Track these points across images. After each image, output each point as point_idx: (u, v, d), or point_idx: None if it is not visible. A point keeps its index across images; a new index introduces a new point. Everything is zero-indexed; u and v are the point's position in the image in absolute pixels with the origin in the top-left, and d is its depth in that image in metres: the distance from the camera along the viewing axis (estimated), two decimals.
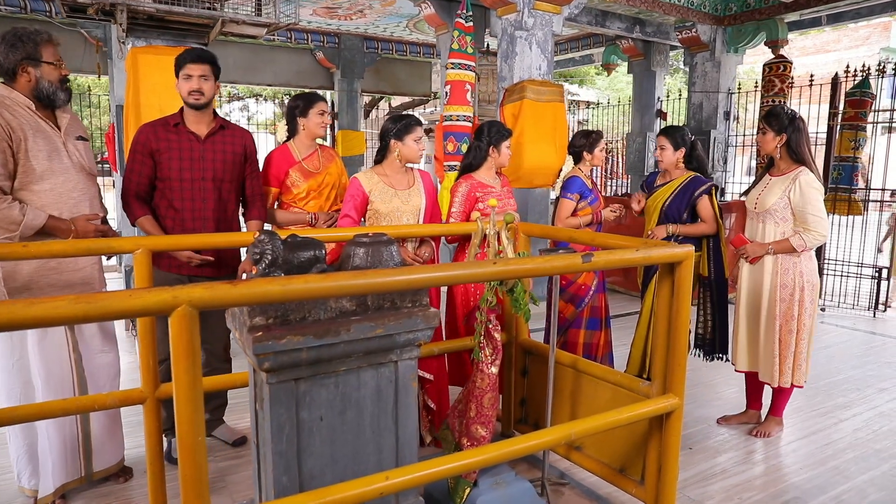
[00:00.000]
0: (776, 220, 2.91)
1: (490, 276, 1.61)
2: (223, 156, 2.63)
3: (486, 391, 2.14)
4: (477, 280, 1.59)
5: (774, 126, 2.90)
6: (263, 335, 1.62)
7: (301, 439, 1.78)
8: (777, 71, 5.94)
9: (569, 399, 2.59)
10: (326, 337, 1.71)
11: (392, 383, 1.90)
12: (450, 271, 1.53)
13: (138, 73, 3.71)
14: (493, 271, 1.59)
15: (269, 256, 1.75)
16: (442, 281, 1.51)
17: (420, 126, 2.63)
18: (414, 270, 1.50)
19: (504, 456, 1.90)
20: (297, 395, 1.75)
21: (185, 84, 2.49)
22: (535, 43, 5.18)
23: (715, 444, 2.95)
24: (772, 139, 2.91)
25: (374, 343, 1.81)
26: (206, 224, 2.65)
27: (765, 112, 3.01)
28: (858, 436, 3.06)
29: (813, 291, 2.92)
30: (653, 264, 3.10)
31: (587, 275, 3.29)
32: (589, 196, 3.31)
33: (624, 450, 2.36)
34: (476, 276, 1.59)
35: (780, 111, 2.93)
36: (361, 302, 1.82)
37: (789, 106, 5.99)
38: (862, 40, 20.03)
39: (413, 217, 2.71)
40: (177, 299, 1.24)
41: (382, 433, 1.92)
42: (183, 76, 2.51)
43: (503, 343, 2.84)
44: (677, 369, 2.09)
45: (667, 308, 2.08)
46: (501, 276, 1.57)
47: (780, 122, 2.89)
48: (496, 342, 2.14)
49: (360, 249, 1.88)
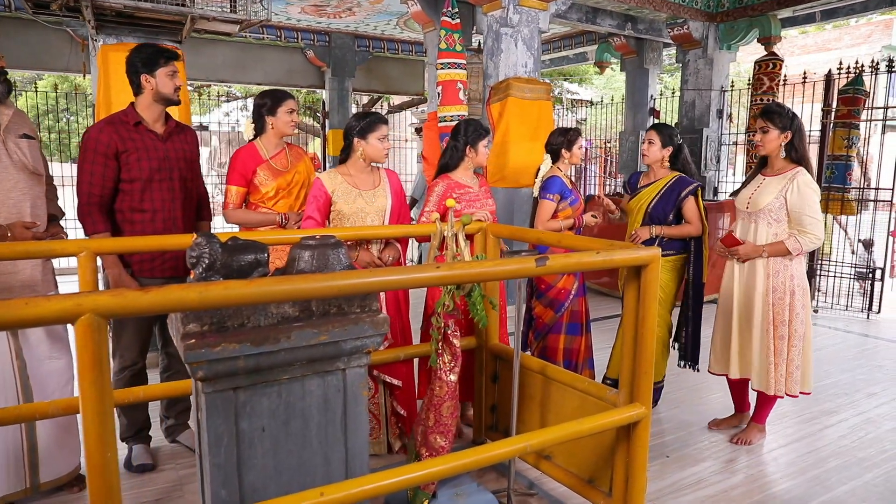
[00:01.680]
0: (769, 220, 2.79)
1: (433, 280, 1.52)
2: (184, 154, 2.57)
3: (444, 399, 2.06)
4: (418, 285, 1.51)
5: (779, 124, 2.73)
6: (196, 343, 1.54)
7: (241, 451, 1.70)
8: (767, 69, 5.84)
9: (538, 406, 2.51)
10: (265, 344, 1.63)
11: (340, 392, 1.82)
12: (386, 276, 1.45)
13: (109, 71, 3.64)
14: (437, 276, 1.51)
15: (206, 260, 1.67)
16: (375, 286, 1.42)
17: (385, 124, 2.55)
18: (349, 275, 1.42)
19: (463, 467, 1.82)
20: (237, 404, 1.67)
21: (169, 81, 2.42)
22: (521, 40, 5.09)
23: (693, 452, 2.86)
24: (776, 138, 2.75)
25: (319, 350, 1.72)
26: (177, 224, 2.59)
27: (763, 109, 2.82)
28: (843, 443, 2.97)
29: (804, 296, 2.81)
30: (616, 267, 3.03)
31: (567, 279, 3.20)
32: (569, 196, 3.22)
33: (592, 460, 2.27)
34: (418, 282, 1.51)
35: (782, 108, 2.78)
36: (305, 307, 1.74)
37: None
38: (863, 38, 19.86)
39: (378, 218, 2.64)
40: (80, 307, 1.16)
41: (331, 444, 1.83)
42: (167, 73, 2.43)
43: (473, 348, 2.77)
44: (644, 378, 2.00)
45: (633, 314, 1.99)
46: (445, 280, 1.49)
47: (783, 119, 2.73)
48: (455, 349, 2.06)
49: (305, 253, 1.80)
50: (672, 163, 3.22)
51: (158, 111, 2.48)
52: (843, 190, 5.39)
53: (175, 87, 2.46)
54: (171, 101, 2.49)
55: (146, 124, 2.49)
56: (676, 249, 3.17)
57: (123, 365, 2.53)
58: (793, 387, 2.80)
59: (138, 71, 2.42)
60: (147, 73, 2.42)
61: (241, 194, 2.98)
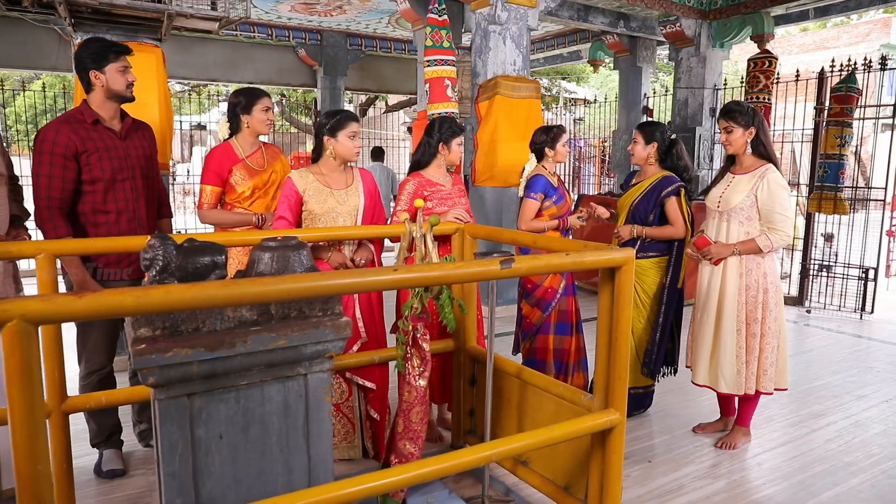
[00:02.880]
0: (741, 219, 2.76)
1: (389, 284, 1.47)
2: (143, 151, 2.52)
3: (413, 405, 2.00)
4: (374, 288, 1.45)
5: (741, 122, 2.75)
6: (147, 348, 1.49)
7: (197, 459, 1.64)
8: (762, 66, 5.77)
9: (515, 410, 2.46)
10: (220, 349, 1.57)
11: (302, 398, 1.77)
12: (339, 279, 1.39)
13: None
14: (393, 279, 1.46)
15: (159, 263, 1.61)
16: (327, 290, 1.37)
17: (355, 122, 2.49)
18: (298, 279, 1.37)
19: (432, 473, 1.78)
20: (192, 411, 1.61)
21: (121, 77, 2.35)
22: (510, 37, 5.03)
23: (677, 457, 2.80)
24: (741, 135, 2.75)
25: (278, 355, 1.67)
26: (141, 224, 2.53)
27: (722, 110, 2.83)
28: (830, 447, 2.92)
29: (777, 293, 2.78)
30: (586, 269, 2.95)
31: (553, 278, 3.15)
32: (553, 195, 3.17)
33: (568, 466, 2.22)
34: (373, 285, 1.45)
35: (741, 106, 2.79)
36: (264, 311, 1.69)
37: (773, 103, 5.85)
38: (862, 37, 19.81)
39: (350, 218, 2.58)
40: (7, 313, 1.10)
41: (292, 451, 1.78)
42: (118, 68, 2.35)
43: (451, 350, 2.71)
44: (618, 383, 1.95)
45: (607, 317, 1.94)
46: (401, 284, 1.43)
47: (745, 117, 2.75)
48: (425, 353, 2.00)
49: (265, 255, 1.74)
50: (664, 159, 3.15)
51: (113, 108, 2.41)
52: (835, 189, 5.33)
53: (127, 83, 2.38)
54: (124, 98, 2.41)
55: (104, 122, 2.41)
56: (661, 251, 3.11)
57: (90, 369, 2.47)
58: (767, 384, 2.76)
59: (87, 67, 2.33)
60: (96, 69, 2.33)
61: (216, 194, 2.92)
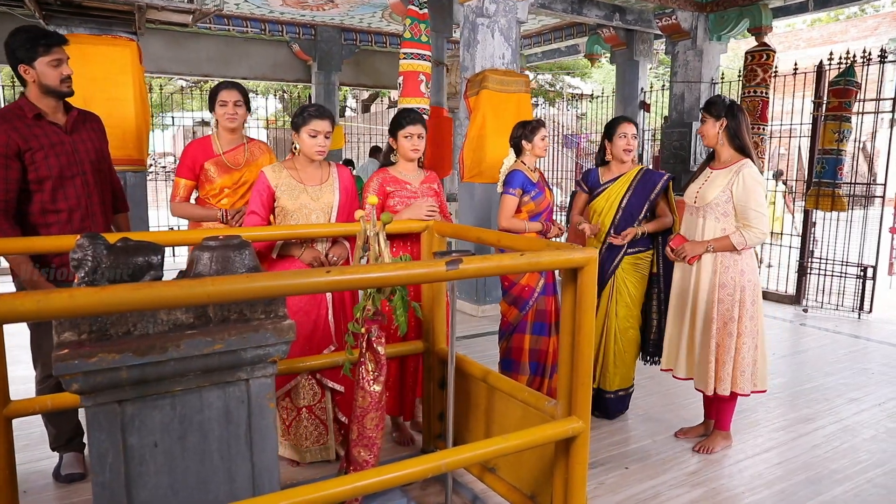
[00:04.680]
0: (717, 215, 2.69)
1: (322, 286, 1.39)
2: (93, 144, 2.41)
3: (367, 410, 1.92)
4: (305, 291, 1.37)
5: (713, 112, 2.72)
6: (69, 353, 1.41)
7: (131, 468, 1.56)
8: (760, 60, 5.64)
9: (483, 415, 2.37)
10: (150, 354, 1.50)
11: (244, 404, 1.69)
12: (263, 282, 1.30)
13: None
14: (326, 281, 1.37)
15: (88, 263, 1.53)
16: (250, 293, 1.28)
17: (320, 119, 2.40)
18: (220, 281, 1.28)
19: (387, 482, 1.70)
20: (123, 418, 1.54)
21: (53, 71, 2.21)
22: (498, 30, 4.92)
23: (656, 463, 2.71)
24: (712, 126, 2.72)
25: (215, 360, 1.59)
26: (96, 220, 2.45)
27: (705, 102, 2.85)
28: (816, 453, 2.81)
29: (754, 291, 2.69)
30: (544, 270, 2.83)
31: (531, 275, 3.06)
32: (532, 190, 3.07)
33: (534, 475, 2.13)
34: (304, 287, 1.37)
35: (718, 98, 2.77)
36: (201, 314, 1.61)
37: (770, 97, 5.72)
38: (870, 31, 19.51)
39: (324, 215, 2.50)
40: None
41: (234, 459, 1.70)
42: (50, 62, 2.20)
43: (420, 352, 2.63)
44: (581, 389, 1.86)
45: (570, 320, 1.85)
46: (334, 286, 1.35)
47: (717, 107, 2.72)
48: (380, 356, 1.92)
49: (204, 254, 1.66)
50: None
51: (53, 102, 2.30)
52: (833, 185, 5.20)
53: (61, 77, 2.23)
54: (60, 94, 2.27)
55: (46, 116, 2.29)
56: (647, 245, 3.04)
57: (46, 373, 2.40)
58: (744, 385, 2.67)
59: (15, 61, 2.19)
60: (25, 62, 2.18)
61: (188, 187, 2.86)
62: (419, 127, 2.68)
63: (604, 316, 3.07)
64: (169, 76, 7.99)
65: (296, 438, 2.52)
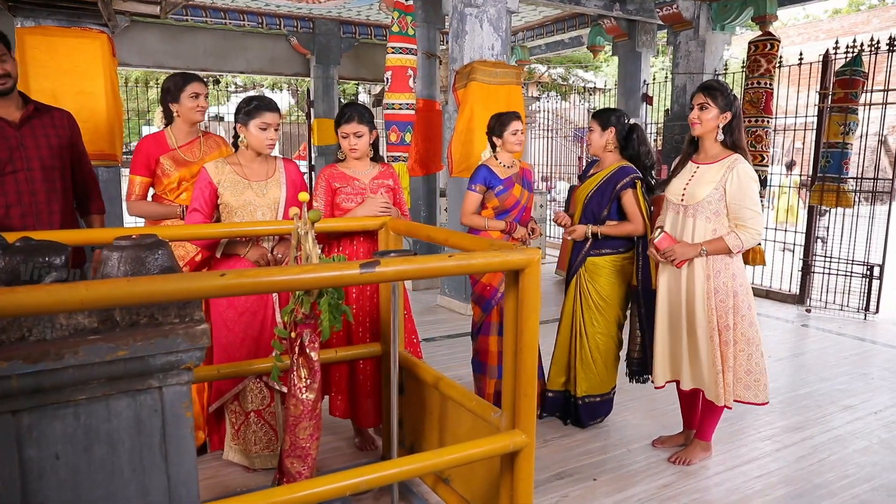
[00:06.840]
0: (708, 214, 2.47)
1: (215, 291, 1.28)
2: (47, 140, 2.34)
3: (300, 419, 1.81)
4: (198, 296, 1.26)
5: (720, 102, 2.43)
6: None
7: (28, 482, 1.47)
8: (763, 49, 5.40)
9: (437, 423, 2.26)
10: (44, 361, 1.40)
11: (157, 413, 1.58)
12: (149, 286, 1.20)
13: (25, 55, 3.45)
14: (219, 285, 1.26)
15: None
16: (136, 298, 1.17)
17: (270, 112, 2.29)
18: (113, 284, 1.18)
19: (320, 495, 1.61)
20: (19, 429, 1.44)
21: None
22: (487, 20, 4.77)
23: (627, 475, 2.57)
24: (714, 117, 2.44)
25: (120, 367, 1.49)
26: (40, 219, 2.37)
27: (703, 84, 2.52)
28: (800, 466, 2.65)
29: (748, 295, 2.51)
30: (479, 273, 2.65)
31: (492, 274, 2.91)
32: (497, 186, 2.93)
33: (485, 488, 2.02)
34: (195, 292, 1.26)
35: (724, 87, 2.49)
36: (106, 318, 1.51)
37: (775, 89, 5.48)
38: (893, 21, 18.91)
39: (270, 211, 2.40)
40: None
41: (148, 471, 1.60)
42: None
43: (378, 355, 2.52)
44: (525, 400, 1.74)
45: (512, 325, 1.72)
46: (228, 291, 1.24)
47: (725, 98, 2.44)
48: (313, 363, 1.81)
49: (113, 254, 1.56)
50: (624, 147, 2.90)
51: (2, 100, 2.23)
52: (838, 180, 4.97)
53: None
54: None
55: None
56: (617, 248, 2.86)
57: None
58: (743, 393, 2.48)
59: None
60: None
61: (144, 185, 2.77)
62: (354, 125, 2.51)
63: (570, 317, 2.93)
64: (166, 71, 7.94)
65: (244, 444, 2.42)
